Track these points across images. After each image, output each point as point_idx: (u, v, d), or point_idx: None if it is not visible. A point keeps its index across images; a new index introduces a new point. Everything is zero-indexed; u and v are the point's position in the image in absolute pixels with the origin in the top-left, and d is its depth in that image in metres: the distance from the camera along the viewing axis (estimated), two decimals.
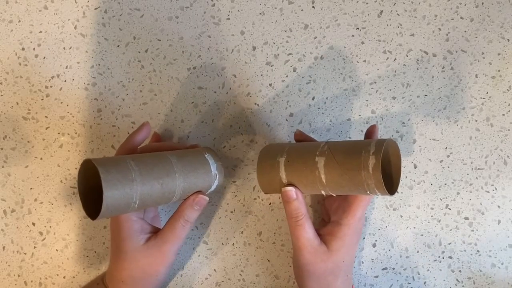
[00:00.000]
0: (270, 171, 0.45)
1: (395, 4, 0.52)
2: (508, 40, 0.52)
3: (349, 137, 0.52)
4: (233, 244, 0.52)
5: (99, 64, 0.53)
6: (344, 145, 0.41)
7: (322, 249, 0.44)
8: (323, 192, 0.43)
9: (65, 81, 0.53)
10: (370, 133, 0.46)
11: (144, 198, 0.39)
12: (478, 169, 0.52)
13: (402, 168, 0.52)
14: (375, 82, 0.52)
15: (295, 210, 0.44)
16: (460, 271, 0.52)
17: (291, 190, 0.43)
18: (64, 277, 0.52)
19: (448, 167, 0.52)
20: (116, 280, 0.45)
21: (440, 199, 0.52)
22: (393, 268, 0.52)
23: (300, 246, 0.44)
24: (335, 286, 0.45)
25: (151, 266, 0.45)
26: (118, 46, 0.53)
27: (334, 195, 0.43)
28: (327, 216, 0.49)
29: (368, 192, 0.39)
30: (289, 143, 0.48)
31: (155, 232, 0.45)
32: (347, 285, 0.46)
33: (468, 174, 0.52)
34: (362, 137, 0.52)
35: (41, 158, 0.53)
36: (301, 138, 0.48)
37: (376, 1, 0.52)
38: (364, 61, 0.52)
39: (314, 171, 0.41)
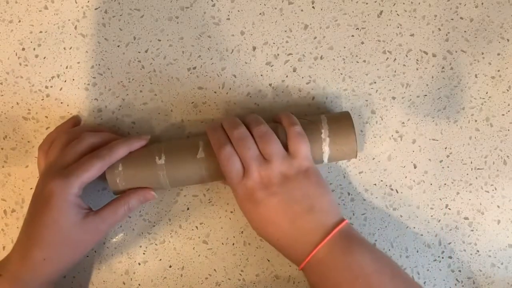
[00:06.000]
0: None
1: (394, 4, 0.52)
2: (508, 40, 0.52)
3: None
4: (233, 244, 0.52)
5: (99, 64, 0.53)
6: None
7: None
8: None
9: (65, 81, 0.53)
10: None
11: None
12: (478, 169, 0.52)
13: (402, 168, 0.52)
14: (375, 82, 0.52)
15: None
16: (460, 271, 0.52)
17: None
18: (64, 277, 0.52)
19: (448, 167, 0.52)
20: (34, 260, 0.42)
21: (440, 199, 0.52)
22: None
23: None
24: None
25: (83, 242, 0.44)
26: (118, 46, 0.53)
27: None
28: None
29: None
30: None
31: (89, 210, 0.45)
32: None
33: (467, 174, 0.52)
34: (360, 138, 0.52)
35: None
36: None
37: (376, 1, 0.52)
38: (364, 61, 0.52)
39: None
